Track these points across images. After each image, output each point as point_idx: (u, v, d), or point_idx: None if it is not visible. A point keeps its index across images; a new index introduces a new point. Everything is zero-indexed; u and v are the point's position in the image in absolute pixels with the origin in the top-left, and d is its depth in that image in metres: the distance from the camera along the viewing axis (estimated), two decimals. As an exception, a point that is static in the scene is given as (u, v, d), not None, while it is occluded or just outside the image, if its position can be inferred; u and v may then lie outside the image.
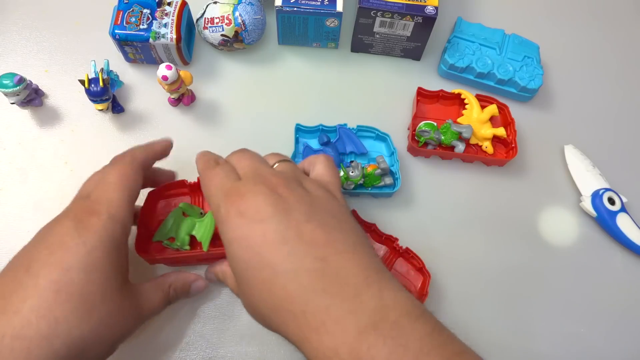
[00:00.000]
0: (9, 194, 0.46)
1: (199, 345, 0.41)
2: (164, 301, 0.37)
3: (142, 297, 0.35)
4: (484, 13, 0.59)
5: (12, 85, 0.45)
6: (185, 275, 0.39)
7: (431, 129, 0.48)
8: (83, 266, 0.30)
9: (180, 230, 0.41)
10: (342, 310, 0.27)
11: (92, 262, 0.31)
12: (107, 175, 0.35)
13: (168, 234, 0.41)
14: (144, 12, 0.48)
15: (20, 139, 0.49)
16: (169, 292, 0.37)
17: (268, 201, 0.30)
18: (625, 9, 0.61)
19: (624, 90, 0.56)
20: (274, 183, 0.32)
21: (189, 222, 0.41)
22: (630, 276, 0.47)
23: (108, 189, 0.34)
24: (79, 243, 0.31)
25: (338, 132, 0.48)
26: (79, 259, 0.30)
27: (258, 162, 0.35)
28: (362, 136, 0.49)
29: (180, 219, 0.41)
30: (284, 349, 0.42)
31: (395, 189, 0.46)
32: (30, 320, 0.28)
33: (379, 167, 0.46)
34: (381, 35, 0.51)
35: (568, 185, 0.50)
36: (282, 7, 0.48)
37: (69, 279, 0.30)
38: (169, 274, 0.39)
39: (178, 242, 0.40)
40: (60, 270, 0.30)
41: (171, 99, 0.50)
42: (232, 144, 0.49)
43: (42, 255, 0.31)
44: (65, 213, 0.33)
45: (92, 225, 0.32)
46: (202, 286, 0.40)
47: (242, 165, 0.35)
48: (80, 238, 0.31)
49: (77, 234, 0.31)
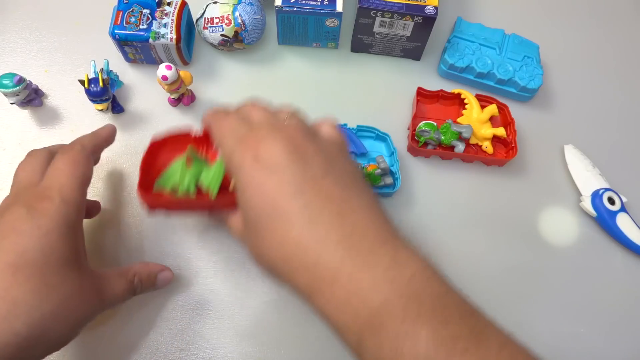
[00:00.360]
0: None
1: (199, 345, 0.41)
2: (127, 290, 0.37)
3: (104, 283, 0.35)
4: (484, 13, 0.59)
5: (12, 85, 0.45)
6: (151, 266, 0.39)
7: (431, 129, 0.48)
8: (39, 247, 0.30)
9: (185, 177, 0.37)
10: (356, 263, 0.27)
11: (49, 244, 0.31)
12: (57, 162, 0.35)
13: (172, 180, 0.37)
14: (143, 12, 0.49)
15: (20, 139, 0.49)
16: (133, 280, 0.37)
17: (286, 149, 0.30)
18: (625, 9, 0.61)
19: (624, 90, 0.56)
20: (290, 132, 0.32)
21: (195, 169, 0.38)
22: (630, 276, 0.47)
23: (59, 174, 0.34)
24: (33, 226, 0.31)
25: None
26: (35, 241, 0.30)
27: (271, 112, 0.34)
28: (362, 136, 0.49)
29: (185, 166, 0.38)
30: (284, 349, 0.42)
31: (395, 188, 0.46)
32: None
33: (378, 167, 0.46)
34: (381, 35, 0.51)
35: (568, 185, 0.50)
36: (282, 7, 0.48)
37: (25, 260, 0.30)
38: (134, 264, 0.39)
39: (183, 189, 0.37)
40: (16, 253, 0.30)
41: (171, 99, 0.50)
42: (232, 144, 0.50)
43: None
44: (13, 201, 0.33)
45: (45, 209, 0.32)
46: (169, 277, 0.40)
47: (255, 114, 0.34)
48: (34, 221, 0.31)
49: (30, 217, 0.31)
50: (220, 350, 0.41)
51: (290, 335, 0.42)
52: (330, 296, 0.27)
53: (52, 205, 0.32)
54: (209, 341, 0.42)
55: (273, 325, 0.43)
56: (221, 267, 0.44)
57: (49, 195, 0.33)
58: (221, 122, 0.34)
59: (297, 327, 0.42)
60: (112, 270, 0.37)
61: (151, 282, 0.39)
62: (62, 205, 0.32)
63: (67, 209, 0.33)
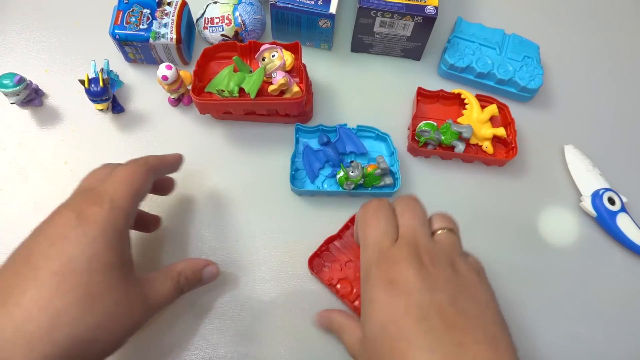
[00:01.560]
0: (9, 194, 0.46)
1: (199, 345, 0.41)
2: (174, 290, 0.36)
3: (150, 287, 0.34)
4: (484, 13, 0.59)
5: (12, 85, 0.45)
6: (195, 262, 0.38)
7: (431, 129, 0.48)
8: (85, 256, 0.30)
9: (230, 82, 0.44)
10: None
11: (94, 253, 0.30)
12: (117, 170, 0.35)
13: (219, 85, 0.44)
14: (144, 12, 0.49)
15: (20, 139, 0.49)
16: (178, 280, 0.36)
17: (418, 276, 0.31)
18: (625, 9, 0.61)
19: (624, 90, 0.56)
20: (426, 259, 0.32)
21: (239, 75, 0.44)
22: (630, 276, 0.47)
23: (115, 181, 0.34)
24: (80, 233, 0.30)
25: (338, 132, 0.48)
26: (80, 249, 0.30)
27: (420, 223, 0.35)
28: (362, 136, 0.49)
29: (231, 73, 0.45)
30: (283, 349, 0.42)
31: (396, 189, 0.46)
32: (31, 312, 0.28)
33: (379, 167, 0.46)
34: (381, 35, 0.51)
35: (568, 185, 0.50)
36: (275, 2, 0.48)
37: (70, 269, 0.29)
38: (177, 262, 0.37)
39: (227, 92, 0.44)
40: (61, 261, 0.29)
41: (171, 99, 0.50)
42: (232, 144, 0.50)
43: (42, 247, 0.30)
44: (66, 204, 0.33)
45: (94, 214, 0.31)
46: (214, 272, 0.39)
47: (404, 221, 0.35)
48: (81, 228, 0.30)
49: (78, 224, 0.31)
50: (220, 350, 0.41)
51: (290, 335, 0.42)
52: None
53: (102, 210, 0.32)
54: (209, 341, 0.42)
55: (273, 325, 0.43)
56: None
57: (100, 200, 0.32)
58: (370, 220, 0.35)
59: (297, 327, 0.42)
60: (156, 273, 0.36)
61: (197, 279, 0.38)
62: (111, 211, 0.32)
63: (115, 215, 0.32)
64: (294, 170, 0.47)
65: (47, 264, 0.29)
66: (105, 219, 0.31)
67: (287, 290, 0.44)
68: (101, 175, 0.35)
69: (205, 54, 0.47)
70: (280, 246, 0.45)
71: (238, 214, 0.46)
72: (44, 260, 0.30)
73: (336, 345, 0.42)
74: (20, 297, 0.28)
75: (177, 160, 0.41)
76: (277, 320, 0.43)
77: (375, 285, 0.32)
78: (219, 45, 0.47)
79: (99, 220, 0.31)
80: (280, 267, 0.45)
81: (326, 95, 0.53)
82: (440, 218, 0.36)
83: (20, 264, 0.30)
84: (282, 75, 0.44)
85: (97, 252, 0.30)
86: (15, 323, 0.27)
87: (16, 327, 0.27)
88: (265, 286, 0.44)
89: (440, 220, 0.36)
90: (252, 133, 0.50)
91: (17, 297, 0.28)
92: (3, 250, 0.44)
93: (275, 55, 0.45)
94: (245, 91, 0.44)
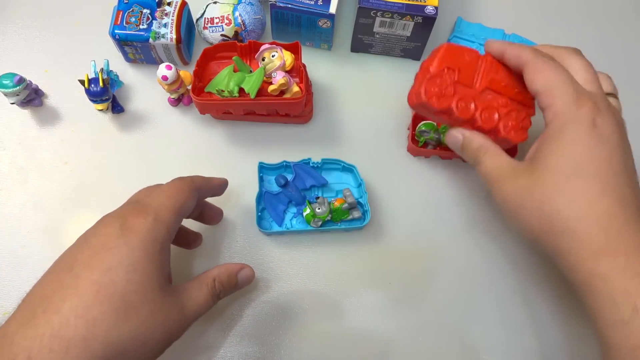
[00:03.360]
0: (9, 194, 0.46)
1: (199, 345, 0.41)
2: (210, 297, 0.36)
3: (186, 297, 0.34)
4: (484, 13, 0.59)
5: (12, 85, 0.45)
6: (229, 266, 0.38)
7: (431, 129, 0.48)
8: (124, 266, 0.30)
9: (230, 82, 0.44)
10: None
11: (133, 263, 0.31)
12: (164, 185, 0.36)
13: (219, 85, 0.44)
14: (143, 12, 0.49)
15: (20, 139, 0.49)
16: (214, 286, 0.36)
17: (618, 133, 0.34)
18: (625, 9, 0.61)
19: (624, 90, 0.56)
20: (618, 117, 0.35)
21: (239, 75, 0.44)
22: (630, 276, 0.47)
23: (161, 194, 0.35)
24: (121, 244, 0.31)
25: (293, 169, 0.46)
26: (120, 259, 0.30)
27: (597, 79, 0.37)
28: (328, 168, 0.47)
29: (231, 73, 0.45)
30: (283, 349, 0.42)
31: (365, 222, 0.45)
32: (69, 320, 0.28)
33: (345, 201, 0.44)
34: (381, 35, 0.51)
35: (568, 185, 0.50)
36: (275, 2, 0.48)
37: (109, 279, 0.30)
38: (212, 269, 0.37)
39: (227, 92, 0.44)
40: (101, 270, 0.30)
41: (171, 99, 0.50)
42: (232, 143, 0.50)
43: (85, 255, 0.31)
44: (112, 214, 0.34)
45: (137, 225, 0.32)
46: (249, 275, 0.39)
47: (582, 75, 0.36)
48: (123, 238, 0.31)
49: (121, 234, 0.31)
50: (220, 350, 0.41)
51: (290, 335, 0.42)
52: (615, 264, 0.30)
53: (145, 221, 0.32)
54: (209, 341, 0.42)
55: (273, 325, 0.43)
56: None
57: (144, 211, 0.33)
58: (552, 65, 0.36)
59: (298, 327, 0.43)
60: (192, 282, 0.36)
61: (232, 284, 0.38)
62: (154, 223, 0.32)
63: (157, 228, 0.32)
64: (260, 210, 0.45)
65: (87, 273, 0.30)
66: (147, 231, 0.32)
67: (287, 290, 0.44)
68: (149, 190, 0.36)
69: (205, 54, 0.47)
70: (280, 246, 0.45)
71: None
72: (86, 268, 0.30)
73: (336, 345, 0.43)
74: (61, 304, 0.29)
75: (222, 184, 0.41)
76: (277, 320, 0.43)
77: (578, 122, 0.33)
78: (218, 45, 0.47)
79: (141, 231, 0.32)
80: (280, 267, 0.45)
81: (326, 95, 0.53)
82: (608, 82, 0.39)
83: (64, 272, 0.31)
84: (282, 75, 0.44)
85: (136, 262, 0.31)
86: (53, 330, 0.28)
87: (54, 333, 0.28)
88: (265, 286, 0.44)
89: (609, 85, 0.39)
90: (252, 133, 0.50)
91: (57, 304, 0.29)
92: (3, 249, 0.44)
93: (275, 55, 0.45)
94: (245, 91, 0.44)
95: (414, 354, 0.43)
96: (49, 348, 0.28)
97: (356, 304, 0.44)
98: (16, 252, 0.44)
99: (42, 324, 0.28)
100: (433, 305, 0.44)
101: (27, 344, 0.27)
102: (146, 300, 0.31)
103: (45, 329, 0.28)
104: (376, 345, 0.43)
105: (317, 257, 0.45)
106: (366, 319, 0.44)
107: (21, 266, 0.44)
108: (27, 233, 0.45)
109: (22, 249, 0.44)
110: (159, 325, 0.31)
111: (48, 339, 0.28)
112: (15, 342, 0.28)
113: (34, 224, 0.46)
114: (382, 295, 0.44)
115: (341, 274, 0.45)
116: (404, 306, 0.44)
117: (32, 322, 0.28)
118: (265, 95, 0.45)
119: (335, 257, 0.45)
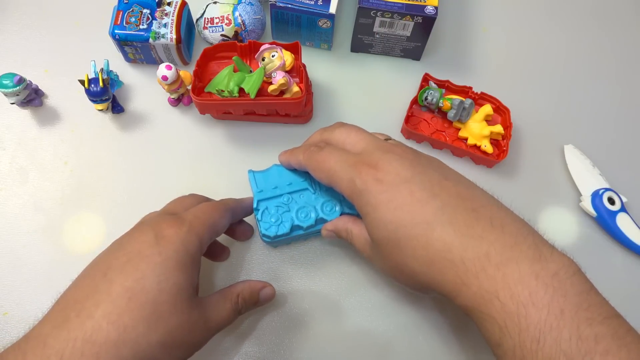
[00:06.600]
0: (9, 194, 0.46)
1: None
2: (232, 312, 0.36)
3: (210, 309, 0.35)
4: (484, 13, 0.59)
5: (12, 85, 0.45)
6: (252, 284, 0.39)
7: (438, 92, 0.49)
8: (156, 275, 0.31)
9: (230, 82, 0.44)
10: (502, 256, 0.29)
11: (165, 272, 0.31)
12: (200, 204, 0.37)
13: (219, 85, 0.44)
14: (143, 12, 0.49)
15: (20, 139, 0.49)
16: (237, 301, 0.37)
17: (404, 165, 0.33)
18: (625, 9, 0.61)
19: (624, 90, 0.56)
20: (398, 150, 0.34)
21: (239, 75, 0.44)
22: (630, 276, 0.47)
23: (197, 210, 0.36)
24: (155, 252, 0.31)
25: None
26: (153, 268, 0.31)
27: (369, 134, 0.37)
28: None
29: (231, 73, 0.45)
30: (283, 349, 0.42)
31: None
32: (101, 325, 0.29)
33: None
34: (381, 35, 0.51)
35: (568, 185, 0.50)
36: (275, 2, 0.48)
37: (141, 287, 0.30)
38: (236, 284, 0.38)
39: (227, 92, 0.44)
40: (135, 278, 0.30)
41: (171, 99, 0.50)
42: (232, 143, 0.50)
43: (119, 261, 0.31)
44: (148, 222, 0.34)
45: (171, 236, 0.32)
46: (271, 293, 0.40)
47: (352, 141, 0.36)
48: (157, 247, 0.32)
49: (155, 242, 0.32)
50: (220, 350, 0.41)
51: (290, 335, 0.42)
52: (478, 289, 0.29)
53: (179, 232, 0.33)
54: (209, 341, 0.42)
55: (273, 325, 0.43)
56: (222, 267, 0.44)
57: (180, 223, 0.34)
58: (320, 157, 0.36)
59: (298, 327, 0.43)
60: (216, 295, 0.36)
61: (254, 300, 0.39)
62: (188, 235, 0.33)
63: (190, 240, 0.33)
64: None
65: (121, 279, 0.30)
66: (181, 242, 0.32)
67: (286, 290, 0.44)
68: (186, 203, 0.37)
69: (205, 54, 0.47)
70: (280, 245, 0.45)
71: (238, 214, 0.46)
72: (119, 275, 0.31)
73: (336, 345, 0.43)
74: (94, 309, 0.29)
75: (251, 203, 0.42)
76: (277, 320, 0.43)
77: (367, 191, 0.33)
78: (218, 45, 0.47)
79: (174, 242, 0.32)
80: (280, 267, 0.45)
81: (326, 95, 0.53)
82: (379, 134, 0.39)
83: (98, 277, 0.31)
84: (282, 75, 0.44)
85: (168, 272, 0.31)
86: (86, 334, 0.28)
87: (86, 338, 0.28)
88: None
89: (380, 135, 0.38)
90: (252, 133, 0.50)
91: (90, 308, 0.29)
92: (3, 249, 0.44)
93: (275, 55, 0.45)
94: (245, 91, 0.44)
95: (414, 353, 0.43)
96: (81, 352, 0.28)
97: (356, 304, 0.44)
98: (16, 252, 0.44)
99: (75, 327, 0.29)
100: (433, 305, 0.44)
101: (60, 346, 0.28)
102: (175, 311, 0.31)
103: (78, 332, 0.28)
104: (376, 345, 0.43)
105: (317, 257, 0.45)
106: (366, 318, 0.43)
107: (21, 266, 0.44)
108: (27, 233, 0.45)
109: (22, 249, 0.44)
110: (185, 336, 0.32)
111: (80, 342, 0.28)
112: (49, 344, 0.28)
113: (34, 224, 0.46)
114: (382, 295, 0.44)
115: (341, 273, 0.45)
116: (404, 306, 0.44)
117: (66, 325, 0.29)
118: (265, 95, 0.45)
119: (336, 256, 0.45)
